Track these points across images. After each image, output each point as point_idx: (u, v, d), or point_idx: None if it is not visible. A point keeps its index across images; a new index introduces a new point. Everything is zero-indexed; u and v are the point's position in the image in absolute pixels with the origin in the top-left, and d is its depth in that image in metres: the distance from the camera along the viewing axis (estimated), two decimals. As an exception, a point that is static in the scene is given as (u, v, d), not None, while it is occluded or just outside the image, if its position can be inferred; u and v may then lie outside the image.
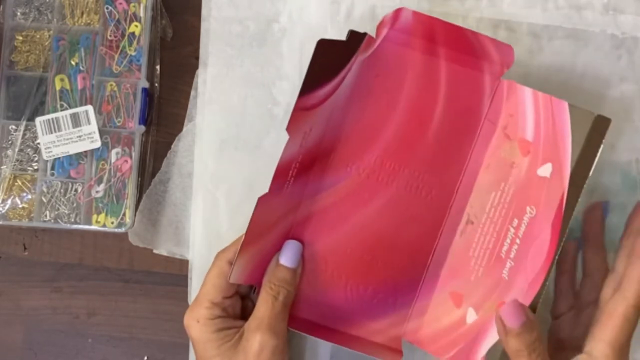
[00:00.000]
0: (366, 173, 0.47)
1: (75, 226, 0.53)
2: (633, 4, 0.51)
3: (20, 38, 0.54)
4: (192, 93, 0.54)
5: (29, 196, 0.53)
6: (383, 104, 0.47)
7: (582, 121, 0.43)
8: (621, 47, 0.51)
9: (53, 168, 0.53)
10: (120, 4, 0.54)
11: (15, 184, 0.53)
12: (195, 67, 0.54)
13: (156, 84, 0.55)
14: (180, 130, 0.54)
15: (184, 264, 0.53)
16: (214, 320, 0.44)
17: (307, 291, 0.47)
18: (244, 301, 0.47)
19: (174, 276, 0.54)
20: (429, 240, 0.47)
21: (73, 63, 0.53)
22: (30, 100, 0.53)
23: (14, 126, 0.54)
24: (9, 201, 0.53)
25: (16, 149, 0.53)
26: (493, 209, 0.46)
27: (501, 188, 0.46)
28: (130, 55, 0.53)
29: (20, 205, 0.53)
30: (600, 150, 0.42)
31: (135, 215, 0.53)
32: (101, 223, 0.52)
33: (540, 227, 0.44)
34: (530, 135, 0.45)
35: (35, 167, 0.53)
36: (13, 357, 0.54)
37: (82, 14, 0.54)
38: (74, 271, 0.55)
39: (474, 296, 0.46)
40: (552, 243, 0.43)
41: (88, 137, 0.53)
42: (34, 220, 0.53)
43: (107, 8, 0.54)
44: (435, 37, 0.45)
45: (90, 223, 0.53)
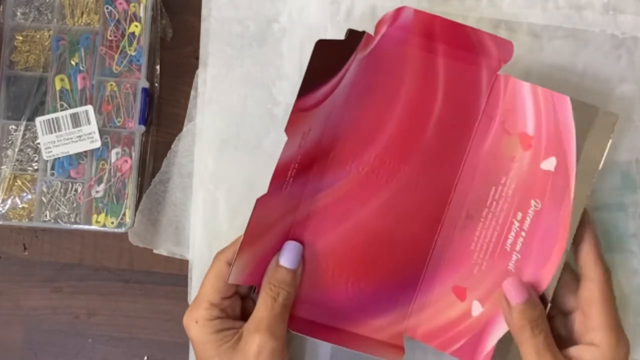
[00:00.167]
0: (365, 171, 0.47)
1: (75, 226, 0.53)
2: (633, 4, 0.51)
3: (20, 38, 0.54)
4: (192, 93, 0.54)
5: (29, 196, 0.53)
6: (382, 102, 0.47)
7: (586, 116, 0.43)
8: (621, 47, 0.51)
9: (53, 168, 0.53)
10: (120, 4, 0.54)
11: (15, 184, 0.53)
12: (195, 67, 0.54)
13: (156, 84, 0.55)
14: (180, 130, 0.54)
15: (184, 264, 0.53)
16: (212, 321, 0.44)
17: (308, 291, 0.47)
18: (244, 301, 0.47)
19: (174, 276, 0.54)
20: (429, 236, 0.47)
21: (73, 63, 0.53)
22: (30, 100, 0.53)
23: (14, 126, 0.54)
24: (9, 201, 0.53)
25: (16, 149, 0.53)
26: (494, 203, 0.46)
27: (502, 182, 0.46)
28: (130, 55, 0.53)
29: (20, 205, 0.53)
30: (609, 144, 0.43)
31: (135, 215, 0.53)
32: (101, 223, 0.52)
33: (547, 220, 0.44)
34: (531, 130, 0.45)
35: (35, 167, 0.53)
36: (13, 357, 0.54)
37: (82, 14, 0.54)
38: (74, 271, 0.55)
39: (478, 289, 0.46)
40: (562, 236, 0.44)
41: (88, 137, 0.53)
42: (34, 220, 0.53)
43: (107, 8, 0.54)
44: (433, 34, 0.45)
45: (90, 223, 0.53)
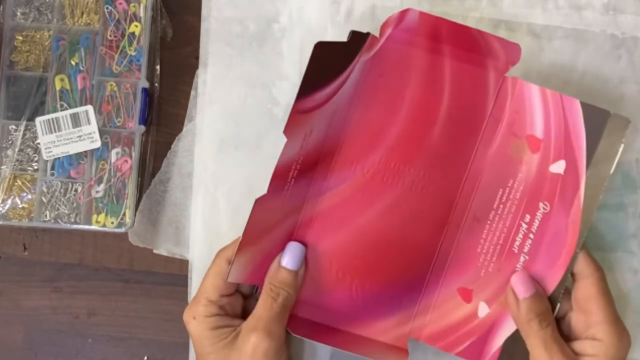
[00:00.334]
0: (371, 173, 0.47)
1: (75, 226, 0.53)
2: (633, 4, 0.51)
3: (20, 38, 0.54)
4: (192, 93, 0.54)
5: (29, 196, 0.53)
6: (387, 103, 0.47)
7: (597, 119, 0.43)
8: (621, 47, 0.51)
9: (53, 168, 0.53)
10: (120, 4, 0.54)
11: (15, 184, 0.53)
12: (195, 67, 0.54)
13: (156, 84, 0.55)
14: (180, 130, 0.54)
15: (184, 264, 0.53)
16: (210, 317, 0.44)
17: (312, 292, 0.47)
18: (247, 300, 0.47)
19: (174, 276, 0.54)
20: (434, 238, 0.47)
21: (73, 63, 0.53)
22: (30, 100, 0.53)
23: (14, 126, 0.54)
24: (9, 201, 0.53)
25: (16, 149, 0.53)
26: (501, 206, 0.46)
27: (509, 185, 0.46)
28: (130, 55, 0.53)
29: (20, 205, 0.53)
30: (622, 148, 0.43)
31: (135, 215, 0.53)
32: (101, 223, 0.52)
33: (555, 222, 0.45)
34: (539, 132, 0.45)
35: (35, 167, 0.53)
36: (13, 357, 0.54)
37: (82, 14, 0.54)
38: (74, 271, 0.55)
39: (485, 291, 0.47)
40: (571, 239, 0.44)
41: (88, 137, 0.53)
42: (34, 220, 0.53)
43: (107, 8, 0.54)
44: (439, 36, 0.45)
45: (90, 223, 0.53)
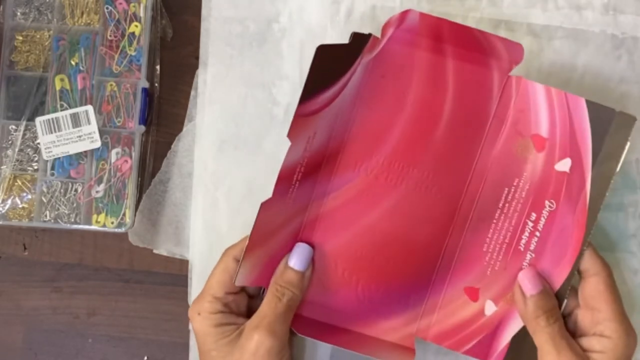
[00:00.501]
0: (374, 174, 0.47)
1: (75, 226, 0.53)
2: (633, 4, 0.51)
3: (20, 38, 0.54)
4: (192, 93, 0.54)
5: (29, 196, 0.53)
6: (390, 104, 0.46)
7: (603, 117, 0.44)
8: (621, 47, 0.51)
9: (53, 168, 0.53)
10: (120, 4, 0.54)
11: (15, 184, 0.53)
12: (195, 67, 0.54)
13: (156, 84, 0.55)
14: (180, 130, 0.54)
15: (184, 264, 0.53)
16: (215, 314, 0.44)
17: (317, 291, 0.47)
18: (252, 300, 0.47)
19: (174, 276, 0.54)
20: (440, 238, 0.47)
21: (73, 63, 0.53)
22: (30, 100, 0.53)
23: (14, 126, 0.54)
24: (9, 201, 0.53)
25: (16, 149, 0.53)
26: (507, 205, 0.46)
27: (515, 184, 0.46)
28: (130, 55, 0.53)
29: (20, 205, 0.53)
30: (628, 146, 0.43)
31: (135, 215, 0.53)
32: (101, 223, 0.52)
33: (561, 220, 0.45)
34: (544, 131, 0.45)
35: (35, 167, 0.53)
36: (13, 357, 0.54)
37: (82, 14, 0.54)
38: (74, 271, 0.55)
39: (491, 289, 0.47)
40: (577, 236, 0.44)
41: (88, 137, 0.53)
42: (34, 220, 0.53)
43: (107, 8, 0.54)
44: (442, 36, 0.45)
45: (90, 223, 0.53)
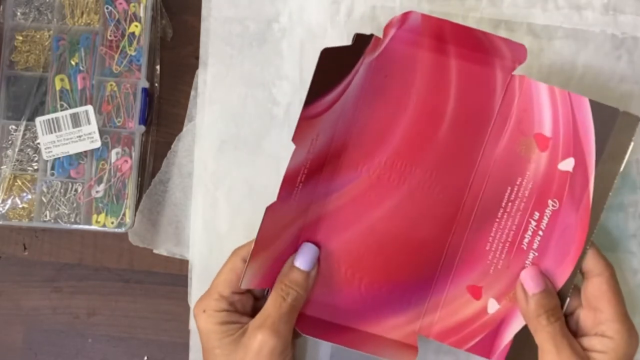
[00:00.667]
0: (376, 174, 0.47)
1: (75, 226, 0.53)
2: (633, 4, 0.51)
3: (20, 38, 0.54)
4: (192, 93, 0.54)
5: (29, 196, 0.53)
6: (392, 104, 0.46)
7: (606, 117, 0.44)
8: (621, 47, 0.51)
9: (53, 168, 0.53)
10: (120, 4, 0.54)
11: (15, 184, 0.53)
12: (195, 67, 0.54)
13: (156, 84, 0.55)
14: (180, 130, 0.54)
15: (184, 264, 0.53)
16: (220, 312, 0.44)
17: (321, 290, 0.47)
18: (257, 301, 0.47)
19: (174, 276, 0.54)
20: (442, 236, 0.47)
21: (73, 63, 0.53)
22: (30, 100, 0.53)
23: (14, 126, 0.54)
24: (9, 201, 0.53)
25: (16, 149, 0.53)
26: (510, 203, 0.46)
27: (518, 183, 0.46)
28: (130, 55, 0.53)
29: (20, 205, 0.53)
30: (631, 145, 0.43)
31: (135, 215, 0.53)
32: (101, 223, 0.52)
33: (564, 219, 0.45)
34: (547, 130, 0.45)
35: (35, 167, 0.53)
36: (13, 357, 0.54)
37: (82, 14, 0.54)
38: (74, 271, 0.55)
39: (494, 287, 0.47)
40: (581, 235, 0.44)
41: (88, 137, 0.53)
42: (34, 220, 0.53)
43: (107, 8, 0.54)
44: (444, 37, 0.45)
45: (90, 223, 0.53)
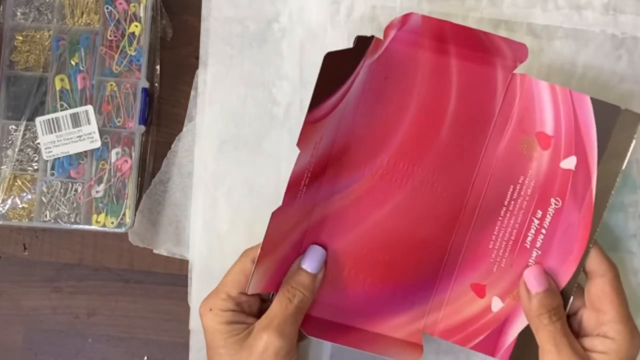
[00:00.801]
0: (379, 174, 0.47)
1: (75, 226, 0.53)
2: (633, 4, 0.51)
3: (20, 38, 0.54)
4: (192, 93, 0.54)
5: (29, 196, 0.53)
6: (394, 105, 0.46)
7: (608, 115, 0.43)
8: (621, 47, 0.51)
9: (53, 168, 0.53)
10: (120, 4, 0.54)
11: (15, 184, 0.53)
12: (195, 67, 0.54)
13: (156, 84, 0.55)
14: (180, 130, 0.54)
15: (184, 264, 0.53)
16: (226, 312, 0.44)
17: (325, 290, 0.47)
18: (264, 303, 0.47)
19: (174, 276, 0.54)
20: (446, 235, 0.48)
21: (73, 63, 0.53)
22: (30, 100, 0.53)
23: (14, 126, 0.54)
24: (9, 201, 0.53)
25: (16, 149, 0.53)
26: (512, 202, 0.46)
27: (520, 181, 0.46)
28: (130, 55, 0.53)
29: (20, 205, 0.53)
30: (634, 143, 0.43)
31: (135, 215, 0.53)
32: (101, 223, 0.52)
33: (567, 218, 0.45)
34: (549, 129, 0.45)
35: (35, 167, 0.53)
36: (13, 357, 0.54)
37: (82, 14, 0.54)
38: (74, 271, 0.55)
39: (498, 286, 0.47)
40: (584, 233, 0.44)
41: (88, 137, 0.53)
42: (34, 220, 0.53)
43: (107, 8, 0.54)
44: (445, 37, 0.45)
45: (90, 223, 0.53)
